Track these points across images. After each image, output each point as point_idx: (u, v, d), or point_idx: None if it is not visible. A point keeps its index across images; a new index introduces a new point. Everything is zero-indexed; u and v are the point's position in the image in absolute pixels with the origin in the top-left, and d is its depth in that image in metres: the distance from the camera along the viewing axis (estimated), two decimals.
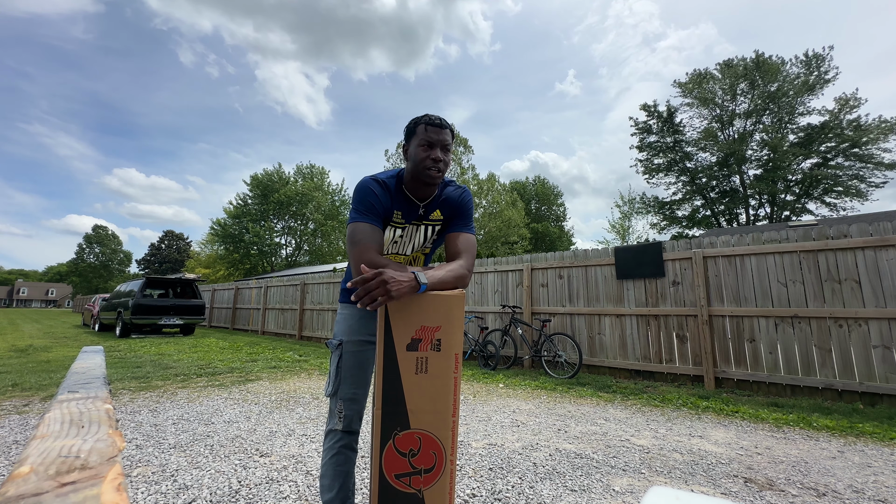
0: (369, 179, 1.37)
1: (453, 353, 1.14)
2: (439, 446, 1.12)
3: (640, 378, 5.23)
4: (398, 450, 1.10)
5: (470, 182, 27.30)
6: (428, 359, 1.13)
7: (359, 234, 1.28)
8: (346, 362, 1.42)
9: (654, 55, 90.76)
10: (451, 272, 1.25)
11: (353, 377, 1.42)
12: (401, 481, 1.09)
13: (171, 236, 67.36)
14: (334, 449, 1.39)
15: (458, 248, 1.39)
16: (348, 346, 1.43)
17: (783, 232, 4.53)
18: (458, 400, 1.15)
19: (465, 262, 1.34)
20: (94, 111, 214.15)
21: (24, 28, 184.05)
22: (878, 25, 48.99)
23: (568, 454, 2.64)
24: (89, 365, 1.53)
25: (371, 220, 1.31)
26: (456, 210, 1.47)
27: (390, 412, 1.10)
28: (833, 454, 2.68)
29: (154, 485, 2.12)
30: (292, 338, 11.08)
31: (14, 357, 6.71)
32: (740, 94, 25.00)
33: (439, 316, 1.14)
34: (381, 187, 1.36)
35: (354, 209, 1.34)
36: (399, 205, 1.40)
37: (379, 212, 1.34)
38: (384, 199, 1.35)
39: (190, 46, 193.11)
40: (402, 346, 1.12)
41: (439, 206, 1.47)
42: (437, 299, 1.15)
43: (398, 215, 1.41)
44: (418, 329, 1.13)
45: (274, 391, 4.42)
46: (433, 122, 1.35)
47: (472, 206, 1.51)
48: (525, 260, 6.68)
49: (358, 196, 1.34)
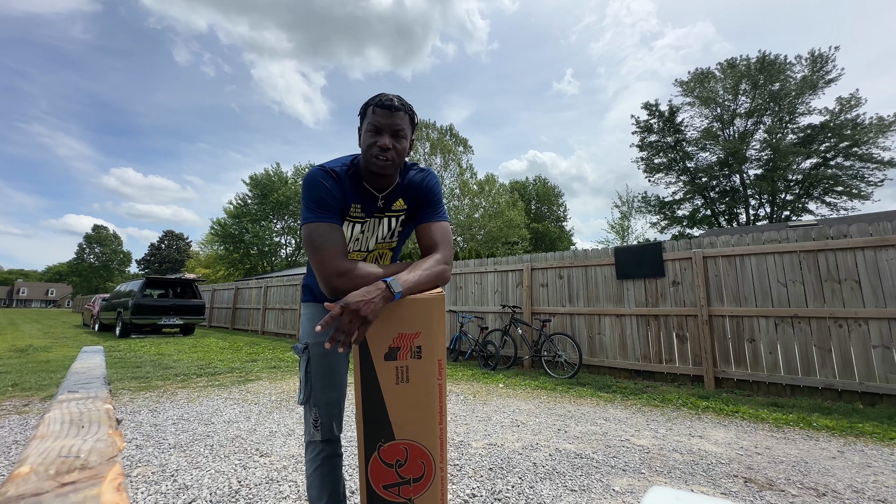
0: (318, 170, 1.20)
1: (436, 360, 1.07)
2: (427, 455, 1.07)
3: (640, 378, 5.23)
4: (384, 461, 1.05)
5: (470, 182, 27.32)
6: (408, 367, 1.05)
7: (318, 237, 1.13)
8: (315, 366, 1.31)
9: (651, 54, 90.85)
10: (428, 271, 1.12)
11: (326, 380, 1.31)
12: (389, 492, 1.05)
13: (170, 236, 67.35)
14: (317, 461, 1.29)
15: (432, 239, 1.24)
16: (315, 348, 1.32)
17: (783, 232, 4.53)
18: (445, 406, 1.09)
19: (441, 255, 1.20)
20: (94, 111, 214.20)
21: (23, 28, 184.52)
22: (877, 25, 49.03)
23: (568, 454, 2.65)
24: (89, 365, 1.53)
25: (327, 217, 1.16)
26: (421, 197, 1.31)
27: (373, 425, 1.05)
28: (833, 454, 2.68)
29: (154, 485, 2.12)
30: (292, 338, 11.08)
31: (14, 357, 6.71)
32: (742, 93, 25.00)
33: (418, 321, 1.06)
34: (333, 179, 1.19)
35: (306, 207, 1.17)
36: (356, 197, 1.24)
37: (334, 207, 1.18)
38: (337, 192, 1.19)
39: (185, 45, 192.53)
40: (380, 357, 1.04)
41: (401, 194, 1.30)
42: (415, 304, 1.06)
43: (356, 209, 1.25)
44: (395, 337, 1.05)
45: (274, 391, 4.42)
46: (382, 103, 1.17)
47: (439, 190, 1.34)
48: (525, 260, 6.68)
49: (308, 191, 1.17)
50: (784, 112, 24.04)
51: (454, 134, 28.66)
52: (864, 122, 21.34)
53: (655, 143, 28.22)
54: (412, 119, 1.23)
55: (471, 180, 27.60)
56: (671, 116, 27.22)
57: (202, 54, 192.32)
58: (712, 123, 26.39)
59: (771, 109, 24.37)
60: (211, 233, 33.26)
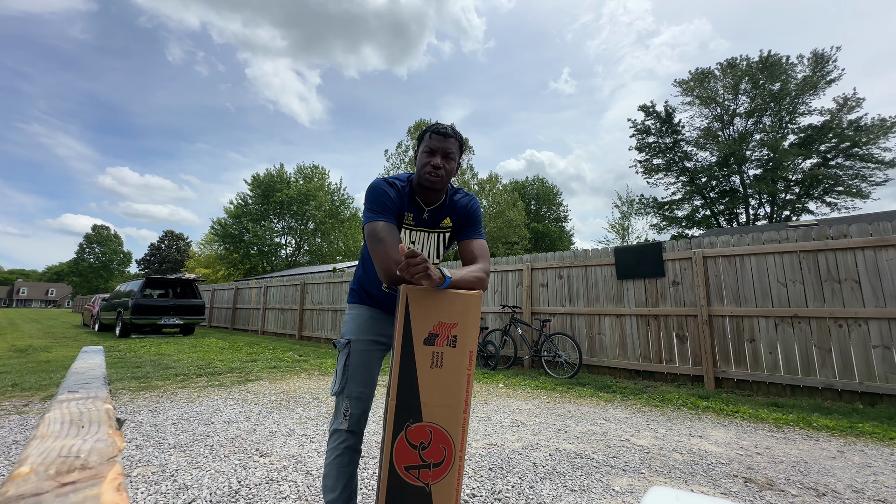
0: (381, 180, 1.40)
1: (468, 351, 1.17)
2: (449, 441, 1.14)
3: (640, 378, 5.23)
4: (409, 441, 1.12)
5: (470, 182, 27.33)
6: (444, 354, 1.15)
7: (381, 231, 1.29)
8: (353, 360, 1.44)
9: (648, 52, 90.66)
10: (472, 273, 1.29)
11: (361, 376, 1.44)
12: (410, 473, 1.12)
13: (170, 236, 67.35)
14: (339, 449, 1.39)
15: (474, 253, 1.45)
16: (357, 345, 1.46)
17: (783, 232, 4.53)
18: (470, 397, 1.17)
19: (483, 265, 1.38)
20: (93, 111, 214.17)
21: (22, 28, 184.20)
22: (875, 25, 49.03)
23: (568, 454, 2.64)
24: (89, 365, 1.53)
25: (388, 218, 1.34)
26: (466, 218, 1.52)
27: (404, 404, 1.13)
28: (833, 454, 2.68)
29: (154, 485, 2.12)
30: (292, 338, 11.08)
31: (14, 357, 6.71)
32: (742, 93, 24.98)
33: (457, 313, 1.17)
34: (393, 188, 1.40)
35: (369, 209, 1.36)
36: (409, 207, 1.45)
37: (393, 210, 1.37)
38: (395, 199, 1.39)
39: (178, 43, 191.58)
40: (420, 340, 1.15)
41: (448, 213, 1.51)
42: (456, 297, 1.18)
43: (409, 217, 1.46)
44: (436, 325, 1.15)
45: (274, 391, 4.42)
46: (438, 130, 1.39)
47: (480, 213, 1.56)
48: (525, 260, 6.68)
49: (372, 196, 1.37)
50: (784, 112, 24.03)
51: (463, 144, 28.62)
52: (866, 123, 21.31)
53: (654, 145, 28.21)
54: (461, 145, 1.44)
55: (471, 181, 27.60)
56: (668, 117, 27.20)
57: (195, 53, 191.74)
58: (712, 123, 26.38)
59: (771, 109, 24.34)
60: (211, 232, 33.26)
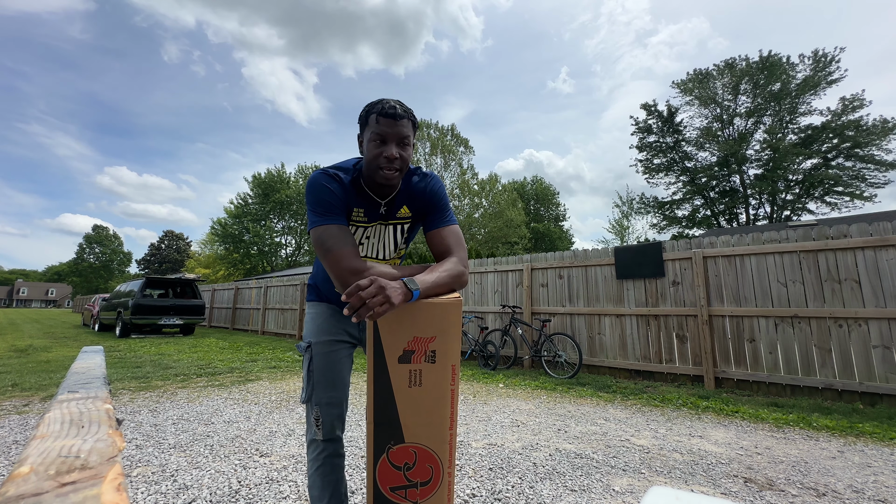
0: (320, 174, 1.20)
1: (449, 365, 1.06)
2: (436, 460, 1.07)
3: (640, 378, 5.23)
4: (392, 463, 1.05)
5: (470, 182, 27.33)
6: (422, 371, 1.05)
7: (328, 238, 1.12)
8: (317, 365, 1.31)
9: (646, 51, 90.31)
10: (446, 272, 1.11)
11: (328, 380, 1.31)
12: (396, 494, 1.05)
13: (170, 236, 67.38)
14: (319, 460, 1.29)
15: (445, 243, 1.24)
16: (318, 347, 1.33)
17: (783, 232, 4.53)
18: (456, 412, 1.09)
19: (458, 257, 1.19)
20: (93, 111, 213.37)
21: (21, 28, 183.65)
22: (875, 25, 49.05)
23: (568, 454, 2.65)
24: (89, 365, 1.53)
25: (335, 220, 1.16)
26: (426, 203, 1.29)
27: (383, 425, 1.05)
28: (833, 454, 2.68)
29: (154, 485, 2.12)
30: (292, 338, 11.08)
31: (14, 357, 6.71)
32: (742, 93, 24.98)
33: (434, 326, 1.05)
34: (336, 182, 1.20)
35: (312, 211, 1.17)
36: (358, 202, 1.24)
37: (340, 208, 1.18)
38: (341, 195, 1.19)
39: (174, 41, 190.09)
40: (394, 359, 1.03)
41: (406, 200, 1.29)
42: (432, 308, 1.04)
43: (359, 213, 1.25)
44: (410, 340, 1.04)
45: (274, 391, 4.42)
46: (386, 111, 1.14)
47: (444, 193, 1.32)
48: (525, 260, 6.68)
49: (312, 195, 1.17)
50: (784, 112, 24.02)
51: (455, 134, 28.64)
52: (867, 124, 21.27)
53: (655, 144, 28.22)
54: (414, 125, 1.22)
55: (472, 181, 27.61)
56: (670, 117, 27.21)
57: (192, 52, 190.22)
58: (712, 123, 26.38)
59: (771, 109, 24.34)
60: (211, 232, 33.28)
